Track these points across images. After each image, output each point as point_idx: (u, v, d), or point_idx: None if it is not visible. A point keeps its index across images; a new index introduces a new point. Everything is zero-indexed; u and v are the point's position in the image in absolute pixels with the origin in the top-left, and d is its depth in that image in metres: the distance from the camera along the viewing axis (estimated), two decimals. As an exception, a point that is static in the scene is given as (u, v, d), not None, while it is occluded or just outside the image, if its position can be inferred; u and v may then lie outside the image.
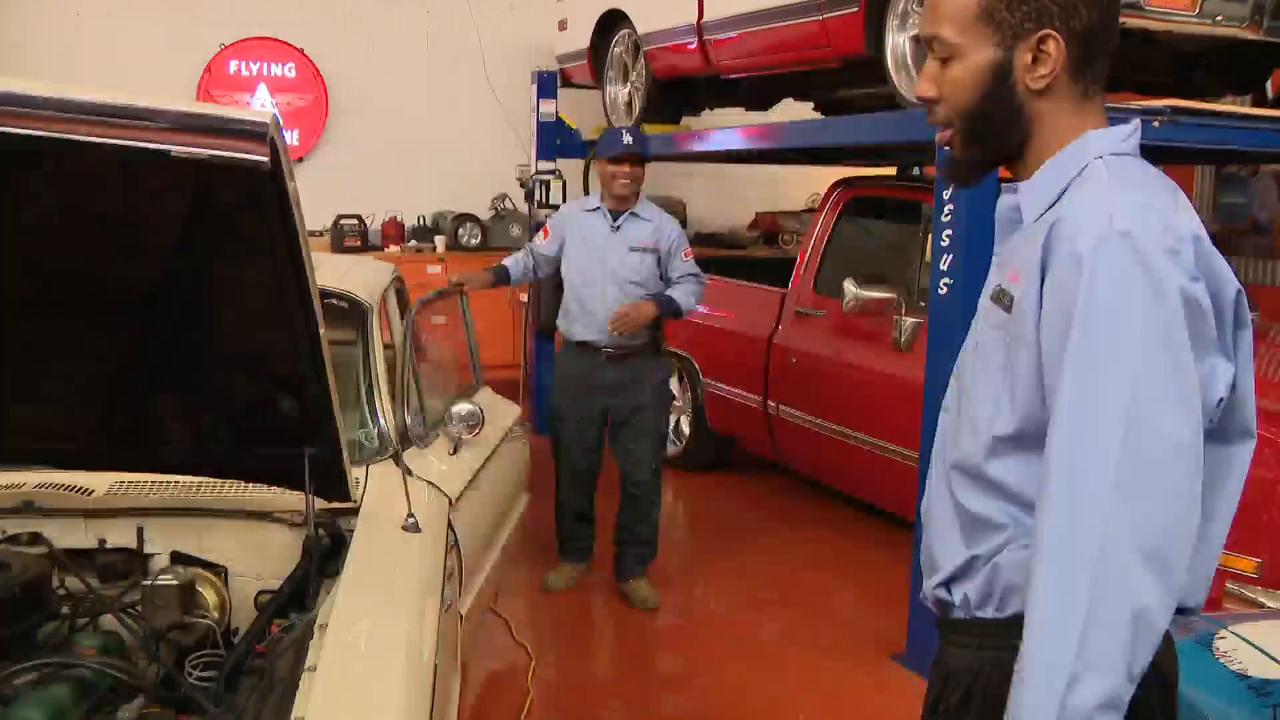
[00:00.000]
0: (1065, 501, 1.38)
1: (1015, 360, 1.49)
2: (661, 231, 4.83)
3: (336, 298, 3.48)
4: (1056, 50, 1.49)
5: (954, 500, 1.61)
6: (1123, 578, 1.35)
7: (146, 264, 2.04)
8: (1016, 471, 1.50)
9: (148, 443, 2.47)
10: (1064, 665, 1.35)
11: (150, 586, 2.41)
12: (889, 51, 4.85)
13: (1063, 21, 1.48)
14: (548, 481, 5.02)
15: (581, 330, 4.84)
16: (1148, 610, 1.35)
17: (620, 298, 4.72)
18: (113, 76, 8.73)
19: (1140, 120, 1.61)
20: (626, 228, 4.80)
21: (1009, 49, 1.50)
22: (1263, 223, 8.09)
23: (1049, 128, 1.54)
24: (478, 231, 9.28)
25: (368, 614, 2.16)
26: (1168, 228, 1.40)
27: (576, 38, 7.81)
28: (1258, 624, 2.58)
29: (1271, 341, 5.03)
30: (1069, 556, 1.37)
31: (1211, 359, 1.43)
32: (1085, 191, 1.47)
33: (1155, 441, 1.36)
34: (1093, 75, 1.53)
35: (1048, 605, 1.38)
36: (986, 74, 1.52)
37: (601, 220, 4.81)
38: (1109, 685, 1.35)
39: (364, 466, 2.82)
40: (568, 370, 4.95)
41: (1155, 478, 1.36)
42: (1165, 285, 1.36)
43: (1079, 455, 1.38)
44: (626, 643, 4.63)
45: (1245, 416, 1.52)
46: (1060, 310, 1.41)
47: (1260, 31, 4.23)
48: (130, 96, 1.61)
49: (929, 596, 1.69)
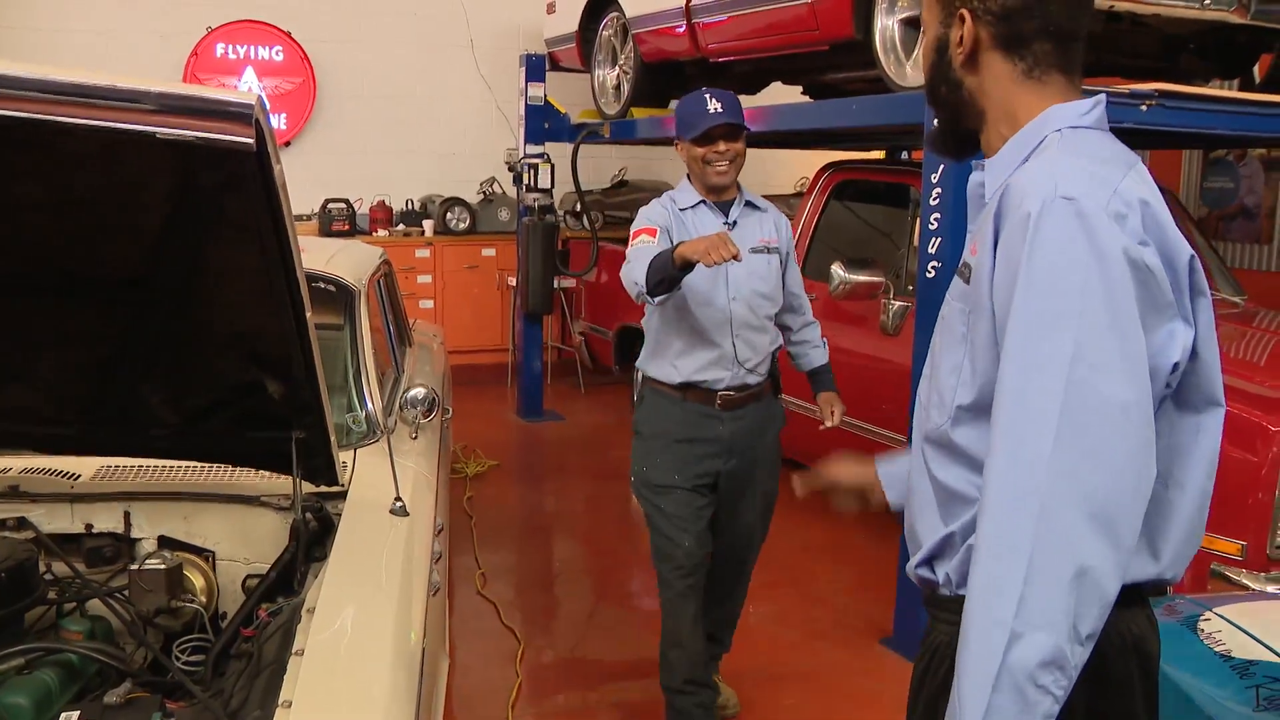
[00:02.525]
0: (1007, 461, 1.40)
1: (975, 330, 1.53)
2: (780, 224, 3.60)
3: (324, 281, 3.47)
4: (967, 26, 1.60)
5: (929, 474, 1.64)
6: (1064, 536, 1.36)
7: (131, 247, 2.04)
8: (979, 440, 1.52)
9: (134, 427, 2.46)
10: (1004, 623, 1.36)
11: (137, 571, 2.41)
12: (877, 35, 4.84)
13: (980, 1, 1.58)
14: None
15: (692, 367, 3.44)
16: (1091, 570, 1.36)
17: (750, 318, 3.44)
18: (98, 59, 8.68)
19: (1105, 95, 1.65)
20: (745, 223, 3.51)
21: (946, 26, 1.64)
22: (1250, 207, 8.11)
23: (995, 103, 1.61)
24: (466, 216, 9.26)
25: (355, 598, 2.17)
26: (1115, 193, 1.43)
27: (565, 21, 7.78)
28: (1241, 605, 2.60)
29: (1258, 325, 5.05)
30: (1010, 515, 1.39)
31: (1169, 324, 1.44)
32: (1037, 161, 1.52)
33: (1096, 402, 1.37)
34: (1033, 58, 1.58)
35: (989, 562, 1.40)
36: (932, 49, 1.67)
37: (712, 217, 3.46)
38: (1051, 643, 1.35)
39: (352, 450, 2.82)
40: (664, 427, 3.47)
41: (1096, 438, 1.37)
42: (1108, 248, 1.39)
43: (1020, 415, 1.40)
44: (615, 626, 4.64)
45: (1210, 385, 1.53)
46: (1008, 272, 1.44)
47: (1247, 16, 4.24)
48: (113, 78, 1.60)
49: (913, 575, 1.71)
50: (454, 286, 9.18)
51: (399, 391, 3.36)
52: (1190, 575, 3.67)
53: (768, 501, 3.66)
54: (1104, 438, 1.37)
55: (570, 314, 8.60)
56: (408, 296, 6.78)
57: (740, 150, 3.41)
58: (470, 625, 4.50)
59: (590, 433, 7.81)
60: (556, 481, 6.84)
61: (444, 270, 9.16)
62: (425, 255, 9.11)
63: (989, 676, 1.37)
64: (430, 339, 5.43)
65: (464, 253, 9.21)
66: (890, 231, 5.63)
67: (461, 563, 5.10)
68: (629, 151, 9.77)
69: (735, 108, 3.37)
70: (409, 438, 3.20)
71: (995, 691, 1.36)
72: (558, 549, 5.82)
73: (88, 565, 2.56)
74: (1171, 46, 5.04)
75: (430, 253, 9.13)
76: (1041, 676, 1.36)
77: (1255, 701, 2.11)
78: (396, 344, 4.23)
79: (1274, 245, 7.96)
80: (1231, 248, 8.18)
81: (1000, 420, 1.42)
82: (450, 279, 9.17)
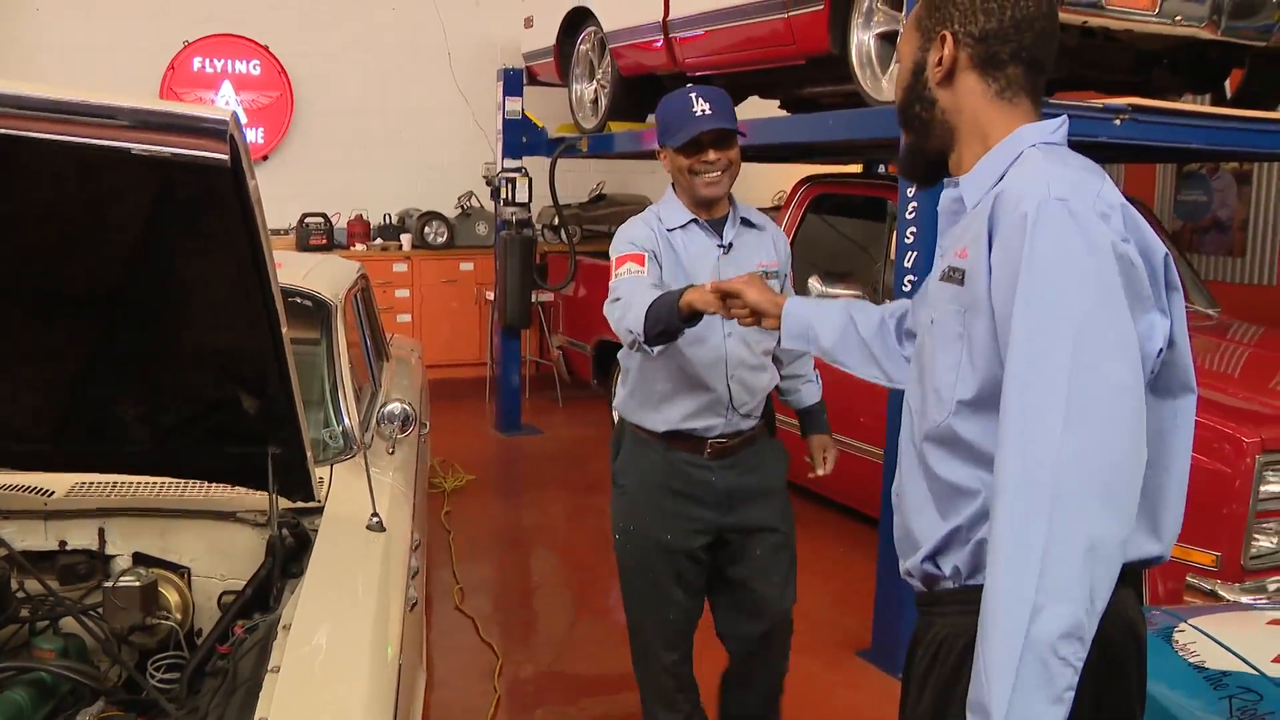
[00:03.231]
0: (1020, 442, 1.49)
1: (972, 328, 1.62)
2: (779, 243, 3.14)
3: (300, 296, 3.46)
4: (948, 46, 1.71)
5: (927, 472, 1.72)
6: (1077, 510, 1.45)
7: (105, 262, 2.03)
8: (980, 432, 1.61)
9: (109, 443, 2.45)
10: (1027, 598, 1.44)
11: (111, 588, 2.39)
12: (854, 49, 4.87)
13: (961, 25, 1.70)
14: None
15: (680, 413, 2.97)
16: (1102, 541, 1.45)
17: (747, 356, 2.97)
18: (74, 73, 8.64)
19: (1068, 116, 1.78)
20: (742, 244, 3.02)
21: (924, 50, 1.76)
22: (1223, 220, 8.18)
23: (967, 123, 1.73)
24: (444, 230, 9.26)
25: (331, 614, 2.16)
26: (1098, 196, 1.56)
27: (543, 35, 7.80)
28: (1215, 617, 2.62)
29: (1231, 337, 5.09)
30: (1026, 493, 1.47)
31: (1150, 315, 1.56)
32: (1023, 170, 1.63)
33: (1099, 383, 1.47)
34: (1008, 78, 1.70)
35: (1009, 540, 1.47)
36: (908, 72, 1.79)
37: (705, 239, 2.98)
38: (1071, 614, 1.43)
39: (328, 466, 2.81)
40: (647, 477, 3.04)
41: (1100, 417, 1.47)
42: (1099, 243, 1.51)
43: (1030, 401, 1.49)
44: (594, 640, 4.63)
45: (1184, 371, 1.65)
46: (1008, 270, 1.54)
47: (1218, 32, 4.29)
48: (87, 94, 1.60)
49: (914, 571, 1.76)
50: (432, 300, 9.17)
51: (376, 406, 3.35)
52: (1166, 587, 3.70)
53: (788, 553, 3.14)
54: (1107, 418, 1.47)
55: (548, 328, 8.60)
56: (385, 311, 6.77)
57: (734, 158, 2.92)
58: (448, 640, 4.49)
59: (568, 446, 7.80)
60: (535, 495, 6.83)
61: (422, 284, 9.16)
62: (403, 269, 9.11)
63: (1015, 650, 1.44)
64: (408, 353, 5.42)
65: (442, 267, 9.20)
66: (867, 245, 5.65)
67: (439, 577, 5.08)
68: (607, 165, 9.79)
69: (725, 109, 2.88)
70: (386, 453, 3.19)
71: (1021, 664, 1.44)
72: (536, 563, 5.81)
73: (61, 582, 2.54)
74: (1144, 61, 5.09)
75: (408, 267, 9.12)
76: (1063, 648, 1.43)
77: (1229, 712, 2.12)
78: (373, 358, 4.22)
79: (1246, 258, 8.03)
80: (1205, 260, 8.25)
81: (1010, 407, 1.51)
82: (428, 293, 9.17)
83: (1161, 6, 4.15)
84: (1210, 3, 4.21)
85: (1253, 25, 4.39)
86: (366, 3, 9.56)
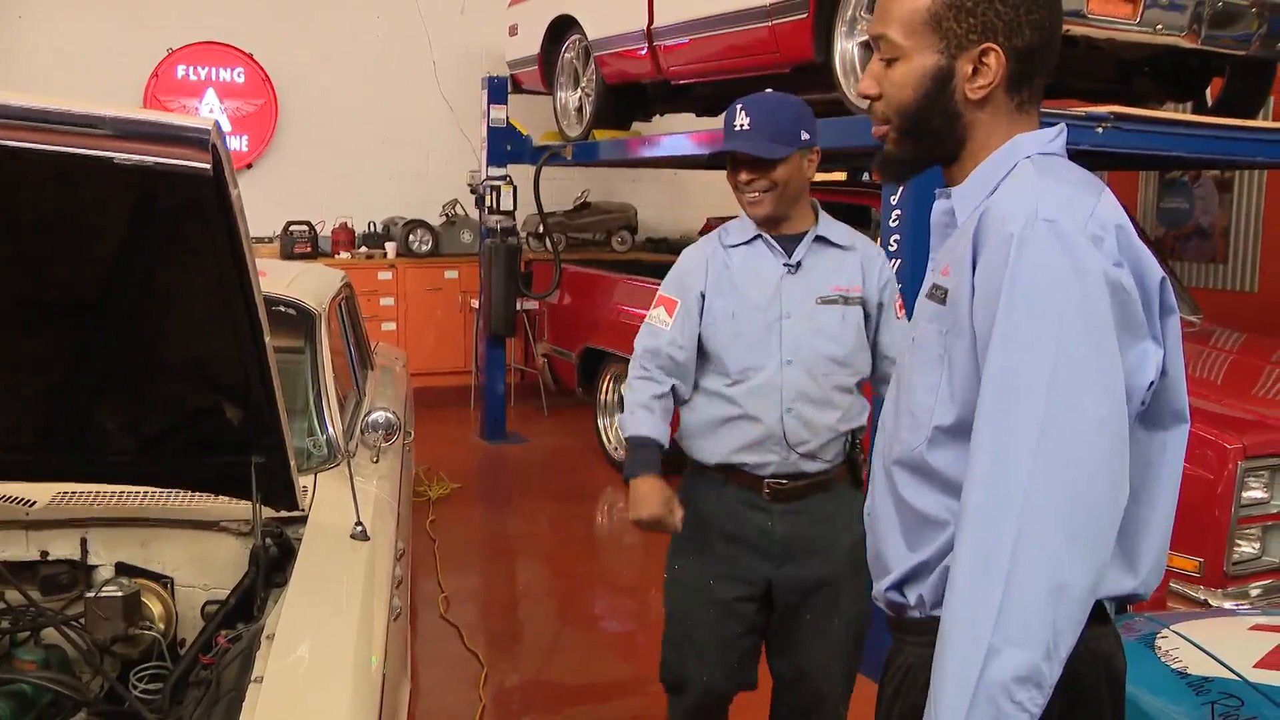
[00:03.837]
0: (987, 476, 1.41)
1: (952, 351, 1.53)
2: (871, 265, 2.75)
3: (284, 305, 3.45)
4: (996, 64, 1.54)
5: (897, 499, 1.63)
6: (1042, 552, 1.37)
7: (88, 271, 2.02)
8: (955, 461, 1.52)
9: (91, 453, 2.44)
10: (982, 637, 1.37)
11: (94, 598, 2.38)
12: (837, 57, 4.89)
13: (1006, 38, 1.54)
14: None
15: (731, 446, 2.71)
16: (1068, 585, 1.38)
17: (810, 389, 2.65)
18: (57, 81, 8.61)
19: (1067, 126, 1.67)
20: (813, 264, 2.70)
21: (952, 57, 1.56)
22: (1204, 227, 8.23)
23: (982, 137, 1.59)
24: (429, 238, 9.25)
25: (315, 623, 2.15)
26: (1091, 216, 1.45)
27: (527, 43, 7.80)
28: (1198, 622, 2.63)
29: (1214, 344, 5.12)
30: (990, 529, 1.39)
31: (1142, 343, 1.47)
32: (1014, 184, 1.53)
33: (1076, 419, 1.39)
34: (1029, 92, 1.59)
35: (968, 577, 1.41)
36: (928, 79, 1.58)
37: (770, 258, 2.70)
38: (1027, 658, 1.36)
39: (312, 475, 2.81)
40: (702, 517, 2.77)
41: (1075, 454, 1.39)
42: (1088, 268, 1.41)
43: (1001, 431, 1.41)
44: (580, 649, 4.63)
45: (1177, 400, 1.55)
46: (990, 292, 1.45)
47: (1198, 40, 4.32)
48: (69, 103, 1.59)
49: (881, 599, 1.70)
50: (416, 309, 9.16)
51: (360, 415, 3.34)
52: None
53: (852, 629, 2.77)
54: (1082, 456, 1.39)
55: (533, 336, 8.59)
56: (370, 319, 6.76)
57: (778, 178, 2.62)
58: (433, 649, 4.47)
59: (553, 455, 7.79)
60: (520, 504, 6.82)
61: (406, 292, 9.14)
62: (388, 277, 9.09)
63: (966, 691, 1.37)
64: (392, 361, 5.41)
65: (426, 275, 9.19)
66: (851, 252, 5.65)
67: (424, 586, 5.07)
68: (591, 173, 9.79)
69: (769, 125, 2.62)
70: (370, 461, 3.18)
71: (972, 707, 1.37)
72: (521, 572, 5.80)
73: (43, 593, 2.52)
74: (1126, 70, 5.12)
75: (393, 275, 9.11)
76: (1018, 692, 1.36)
77: (1211, 717, 2.13)
78: (358, 367, 4.21)
79: (1228, 264, 8.08)
80: (1187, 267, 8.29)
81: (980, 437, 1.43)
82: (413, 301, 9.15)
83: (1143, 15, 4.18)
84: (1190, 12, 4.24)
85: (1232, 35, 4.42)
86: (351, 11, 9.55)
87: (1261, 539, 3.77)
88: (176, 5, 9.06)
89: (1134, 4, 4.14)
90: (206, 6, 9.13)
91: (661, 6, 6.22)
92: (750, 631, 2.78)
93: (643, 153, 6.76)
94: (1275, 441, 3.78)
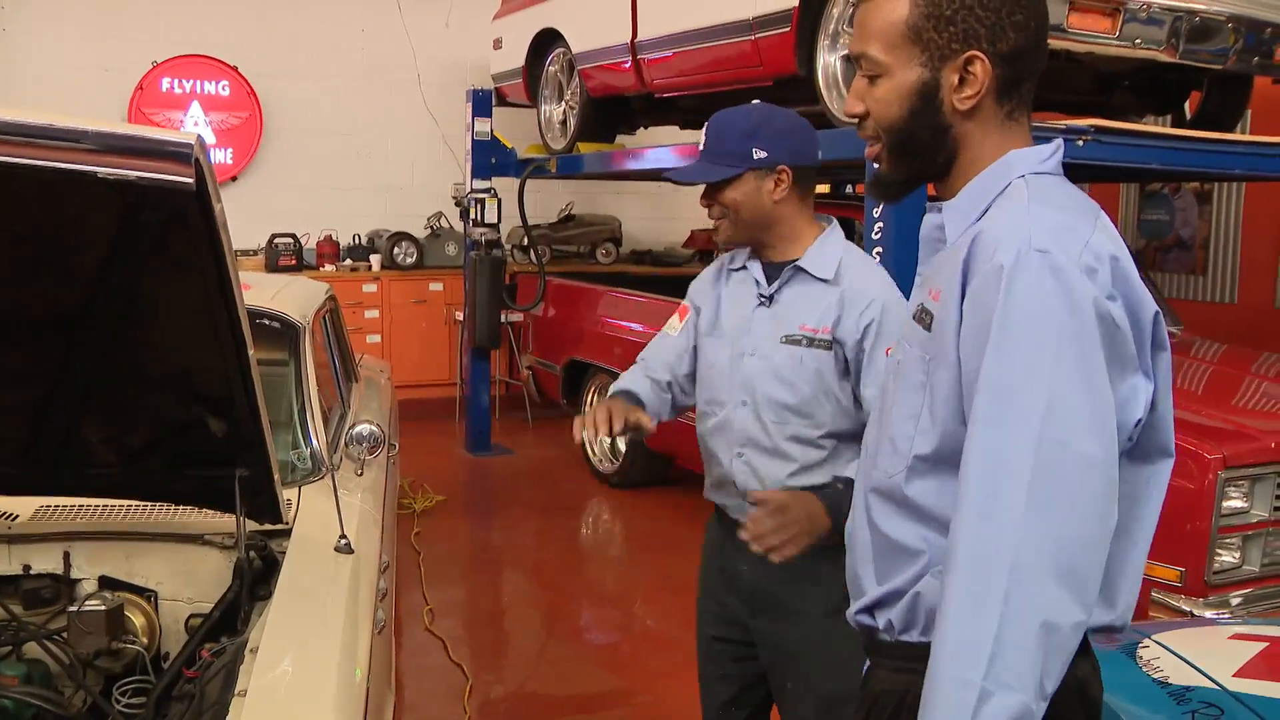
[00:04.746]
0: (978, 517, 1.38)
1: (935, 379, 1.49)
2: (850, 302, 2.37)
3: (268, 318, 3.45)
4: (983, 71, 1.49)
5: (872, 525, 1.60)
6: (1034, 593, 1.34)
7: (72, 285, 2.02)
8: (934, 492, 1.50)
9: (74, 466, 2.43)
10: (974, 682, 1.34)
11: (76, 612, 2.37)
12: (820, 71, 4.92)
13: (990, 43, 1.48)
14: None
15: (709, 484, 2.59)
16: (1059, 627, 1.35)
17: (759, 436, 2.42)
18: (42, 94, 8.58)
19: (1063, 140, 1.62)
20: (787, 297, 2.44)
21: (936, 70, 1.51)
22: (1185, 238, 8.28)
23: (974, 148, 1.54)
24: (413, 250, 9.24)
25: (299, 637, 2.15)
26: (1086, 247, 1.40)
27: (512, 57, 7.82)
28: (1180, 632, 2.64)
29: (1195, 355, 5.15)
30: (981, 571, 1.36)
31: (1132, 378, 1.43)
32: (1006, 209, 1.47)
33: (1068, 458, 1.36)
34: (1019, 98, 1.54)
35: (958, 620, 1.37)
36: (913, 93, 1.53)
37: (749, 287, 2.50)
38: (1020, 702, 1.34)
39: (296, 488, 2.81)
40: (707, 550, 2.69)
41: (1067, 494, 1.36)
42: (1081, 302, 1.37)
43: (992, 471, 1.37)
44: (564, 661, 4.63)
45: (1164, 436, 1.52)
46: (978, 325, 1.41)
47: (1176, 55, 4.36)
48: (52, 116, 1.60)
49: (852, 620, 1.68)
50: (401, 321, 9.15)
51: (344, 427, 3.34)
52: (1131, 602, 3.73)
53: (824, 704, 2.42)
54: (1074, 496, 1.36)
55: (518, 348, 8.59)
56: (355, 331, 6.75)
57: (726, 204, 2.39)
58: (418, 662, 4.47)
59: (539, 466, 7.79)
60: (505, 516, 6.81)
61: (391, 305, 9.13)
62: (372, 290, 9.08)
63: None
64: (377, 374, 5.41)
65: (411, 287, 9.19)
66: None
67: (409, 599, 5.06)
68: (576, 186, 9.81)
69: (713, 148, 2.43)
70: (354, 474, 3.18)
71: None
72: (507, 584, 5.79)
73: (25, 607, 2.51)
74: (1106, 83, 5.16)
75: (377, 287, 9.10)
76: None
77: (1191, 726, 2.14)
78: (342, 379, 4.21)
79: (1208, 276, 8.13)
80: (1168, 278, 8.34)
81: (970, 475, 1.39)
82: (397, 313, 9.14)
83: (1122, 29, 4.22)
84: (1168, 27, 4.28)
85: (1209, 49, 4.46)
86: (336, 23, 9.55)
87: (1242, 548, 3.79)
88: (161, 18, 9.05)
89: (1113, 18, 4.18)
90: (191, 20, 9.12)
91: (645, 20, 6.25)
92: (727, 680, 2.60)
93: (627, 165, 6.78)
94: (1255, 451, 3.81)
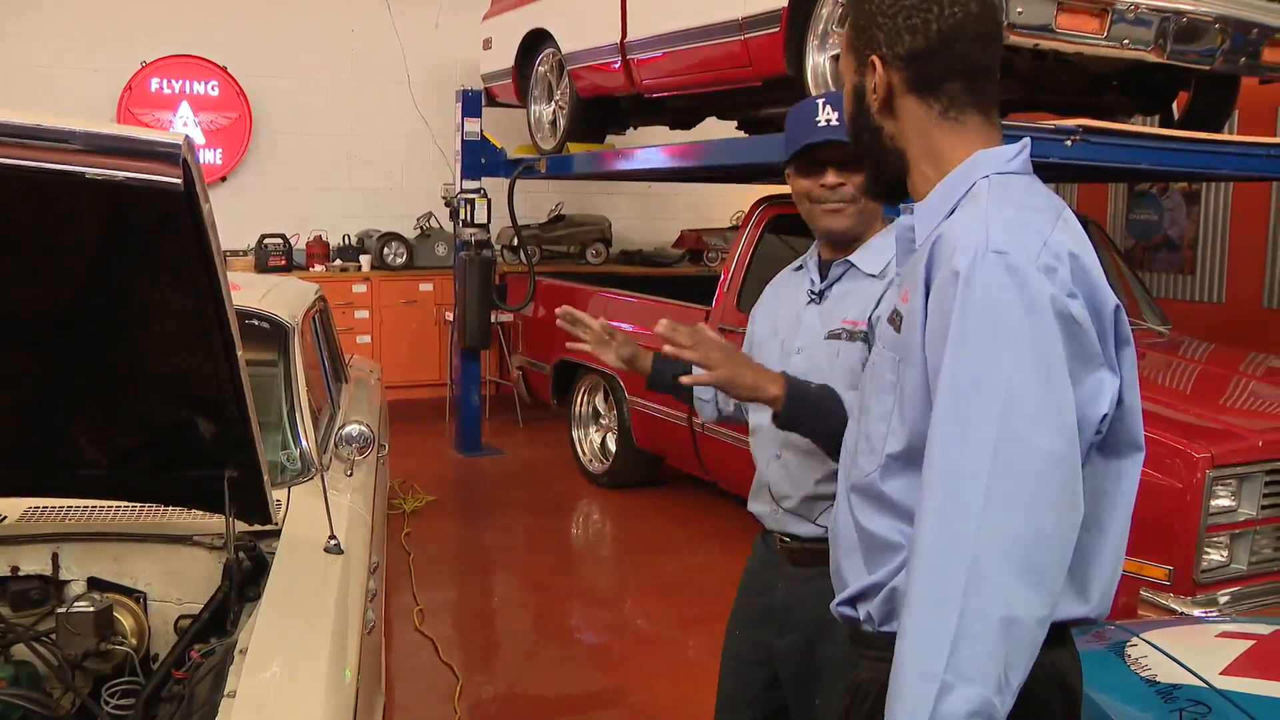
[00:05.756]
0: (939, 514, 1.41)
1: (904, 378, 1.53)
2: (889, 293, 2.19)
3: (258, 318, 3.45)
4: (879, 71, 1.61)
5: (854, 521, 1.64)
6: (995, 589, 1.37)
7: (58, 287, 2.02)
8: (907, 489, 1.52)
9: (63, 467, 2.43)
10: (935, 675, 1.37)
11: (65, 614, 2.37)
12: (809, 71, 4.93)
13: (887, 46, 1.60)
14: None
15: (751, 492, 2.45)
16: (1020, 621, 1.38)
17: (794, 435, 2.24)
18: (31, 95, 8.56)
19: (1030, 139, 1.66)
20: (835, 294, 2.31)
21: (860, 74, 1.66)
22: (1173, 238, 8.31)
23: (916, 145, 1.62)
24: (403, 251, 9.24)
25: (288, 638, 2.15)
26: (1045, 245, 1.43)
27: (501, 57, 7.82)
28: (1167, 630, 2.65)
29: (1182, 354, 5.17)
30: (941, 567, 1.39)
31: (1097, 373, 1.46)
32: (969, 210, 1.51)
33: (1027, 455, 1.39)
34: (949, 97, 1.59)
35: (920, 615, 1.41)
36: (851, 96, 1.69)
37: (804, 284, 2.38)
38: (979, 695, 1.36)
39: (286, 488, 2.80)
40: (748, 572, 2.50)
41: (1027, 490, 1.39)
42: (1039, 301, 1.40)
43: (952, 468, 1.41)
44: (554, 662, 4.62)
45: (1133, 430, 1.55)
46: (941, 324, 1.44)
47: (1164, 55, 4.37)
48: (40, 117, 1.59)
49: (835, 612, 1.71)
50: (391, 321, 9.14)
51: (334, 428, 3.34)
52: (1121, 602, 3.74)
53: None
54: (1034, 491, 1.39)
55: (508, 348, 8.59)
56: (345, 332, 6.74)
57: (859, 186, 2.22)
58: (408, 662, 4.46)
59: (529, 467, 7.79)
60: (495, 516, 6.81)
61: (381, 305, 9.13)
62: (362, 290, 9.08)
63: None
64: (367, 374, 5.41)
65: (401, 288, 9.18)
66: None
67: (399, 600, 5.06)
68: (566, 186, 9.80)
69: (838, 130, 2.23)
70: (344, 474, 3.18)
71: None
72: (497, 584, 5.79)
73: (14, 608, 2.51)
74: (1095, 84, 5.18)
75: (367, 288, 9.10)
76: None
77: (1178, 724, 2.15)
78: (332, 380, 4.21)
79: (1196, 275, 8.16)
80: (1156, 278, 8.37)
81: (932, 473, 1.43)
82: (387, 314, 9.14)
83: (1110, 30, 4.23)
84: (1156, 27, 4.29)
85: (1197, 49, 4.48)
86: (326, 24, 9.54)
87: (1229, 547, 3.80)
88: (150, 18, 9.03)
89: (1101, 19, 4.20)
90: (180, 20, 9.11)
91: (635, 21, 6.25)
92: (750, 708, 2.44)
93: (617, 165, 6.78)
94: (1243, 450, 3.82)
